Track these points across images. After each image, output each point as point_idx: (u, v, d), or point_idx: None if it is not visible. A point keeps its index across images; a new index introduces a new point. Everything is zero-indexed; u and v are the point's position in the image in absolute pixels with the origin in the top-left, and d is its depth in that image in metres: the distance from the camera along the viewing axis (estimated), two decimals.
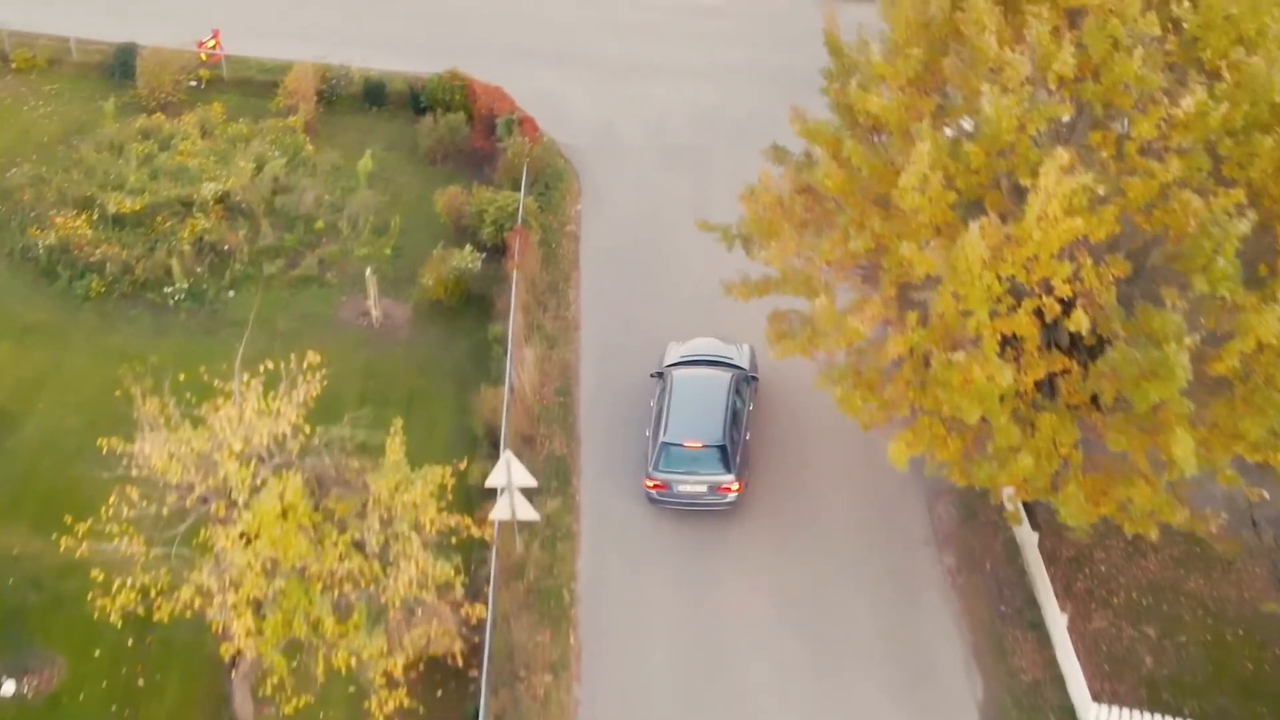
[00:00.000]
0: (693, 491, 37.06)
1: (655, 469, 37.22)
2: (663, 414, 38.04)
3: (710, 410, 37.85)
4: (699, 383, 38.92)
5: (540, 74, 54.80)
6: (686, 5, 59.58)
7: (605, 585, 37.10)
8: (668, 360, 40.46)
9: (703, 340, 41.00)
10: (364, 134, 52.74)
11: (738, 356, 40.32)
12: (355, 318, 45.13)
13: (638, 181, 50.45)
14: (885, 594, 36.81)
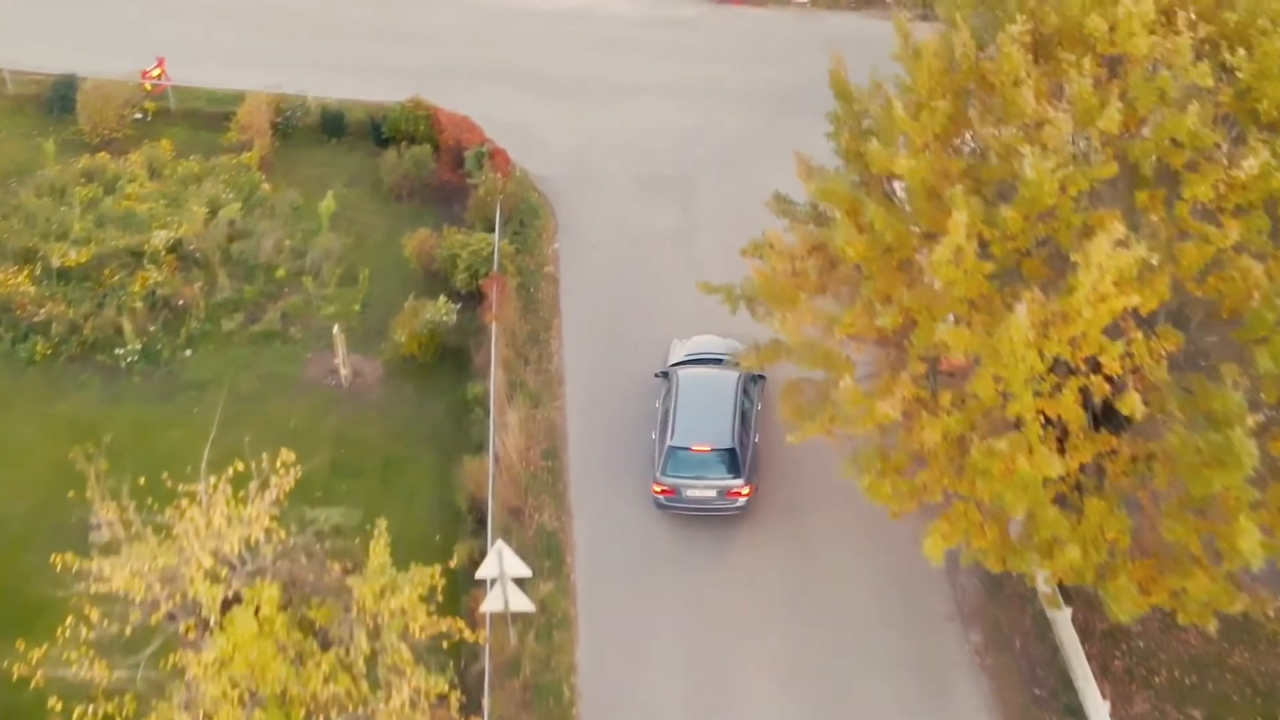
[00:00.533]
0: (702, 497, 36.06)
1: (663, 474, 36.08)
2: (669, 416, 36.79)
3: (718, 412, 36.70)
4: (706, 383, 37.63)
5: (507, 97, 51.76)
6: (656, 18, 56.60)
7: (606, 678, 34.28)
8: (672, 359, 39.22)
9: (707, 337, 39.64)
10: (323, 169, 49.47)
11: (739, 351, 36.75)
12: (323, 377, 42.05)
13: (617, 215, 47.48)
14: (908, 677, 34.24)
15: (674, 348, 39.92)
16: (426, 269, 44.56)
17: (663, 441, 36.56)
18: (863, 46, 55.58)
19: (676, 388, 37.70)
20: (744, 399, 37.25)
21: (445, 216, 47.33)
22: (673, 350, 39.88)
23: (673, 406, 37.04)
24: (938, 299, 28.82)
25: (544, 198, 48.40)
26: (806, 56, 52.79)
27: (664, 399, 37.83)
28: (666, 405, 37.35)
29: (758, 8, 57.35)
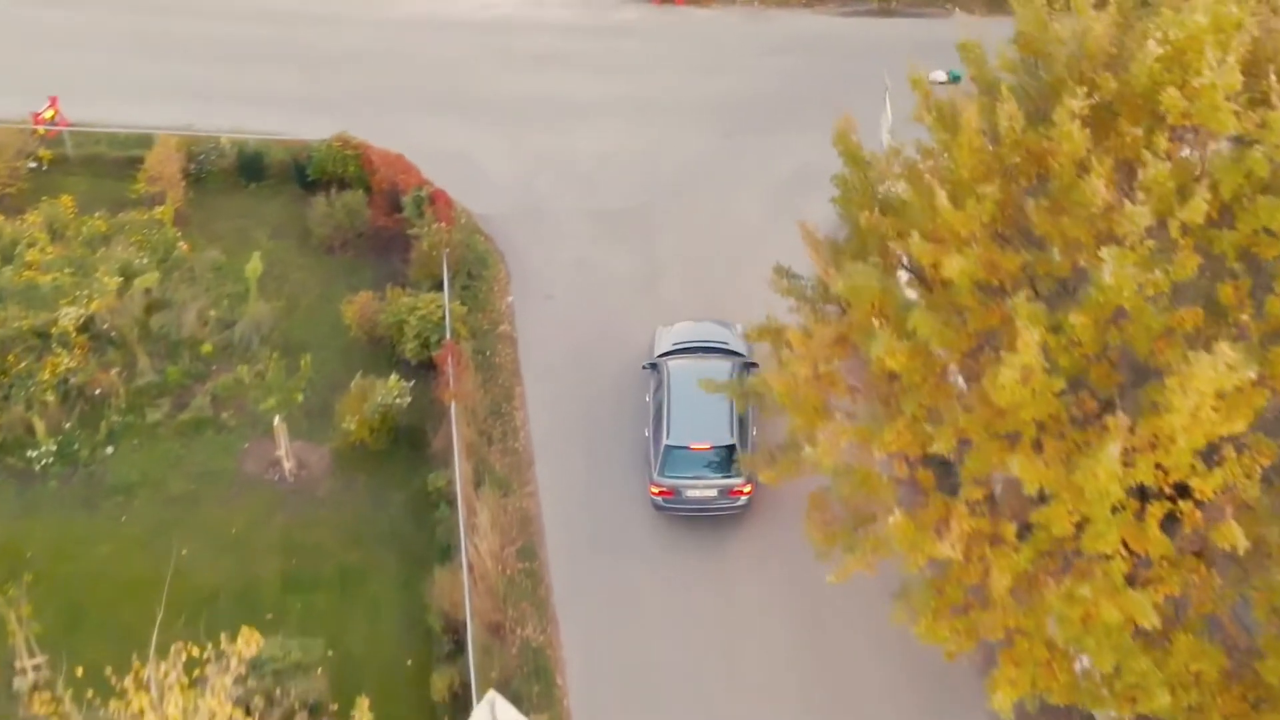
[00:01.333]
0: (702, 497, 34.75)
1: (660, 474, 34.57)
2: (663, 413, 35.13)
3: (714, 406, 34.62)
4: (697, 374, 34.63)
5: (440, 125, 47.37)
6: (593, 25, 52.14)
7: None
8: (659, 349, 37.39)
9: (693, 324, 38.30)
10: (244, 219, 44.77)
11: (733, 340, 37.39)
12: (264, 470, 37.57)
13: (572, 259, 43.23)
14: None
15: (660, 336, 37.91)
16: (370, 336, 40.15)
17: (658, 440, 34.81)
18: (818, 46, 51.71)
19: (668, 381, 35.79)
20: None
21: (385, 269, 42.84)
22: (658, 339, 37.84)
23: (665, 402, 35.23)
24: (998, 417, 24.80)
25: (492, 242, 44.03)
26: (761, 62, 48.81)
27: (654, 393, 36.11)
28: (658, 400, 35.63)
29: (702, 8, 52.92)
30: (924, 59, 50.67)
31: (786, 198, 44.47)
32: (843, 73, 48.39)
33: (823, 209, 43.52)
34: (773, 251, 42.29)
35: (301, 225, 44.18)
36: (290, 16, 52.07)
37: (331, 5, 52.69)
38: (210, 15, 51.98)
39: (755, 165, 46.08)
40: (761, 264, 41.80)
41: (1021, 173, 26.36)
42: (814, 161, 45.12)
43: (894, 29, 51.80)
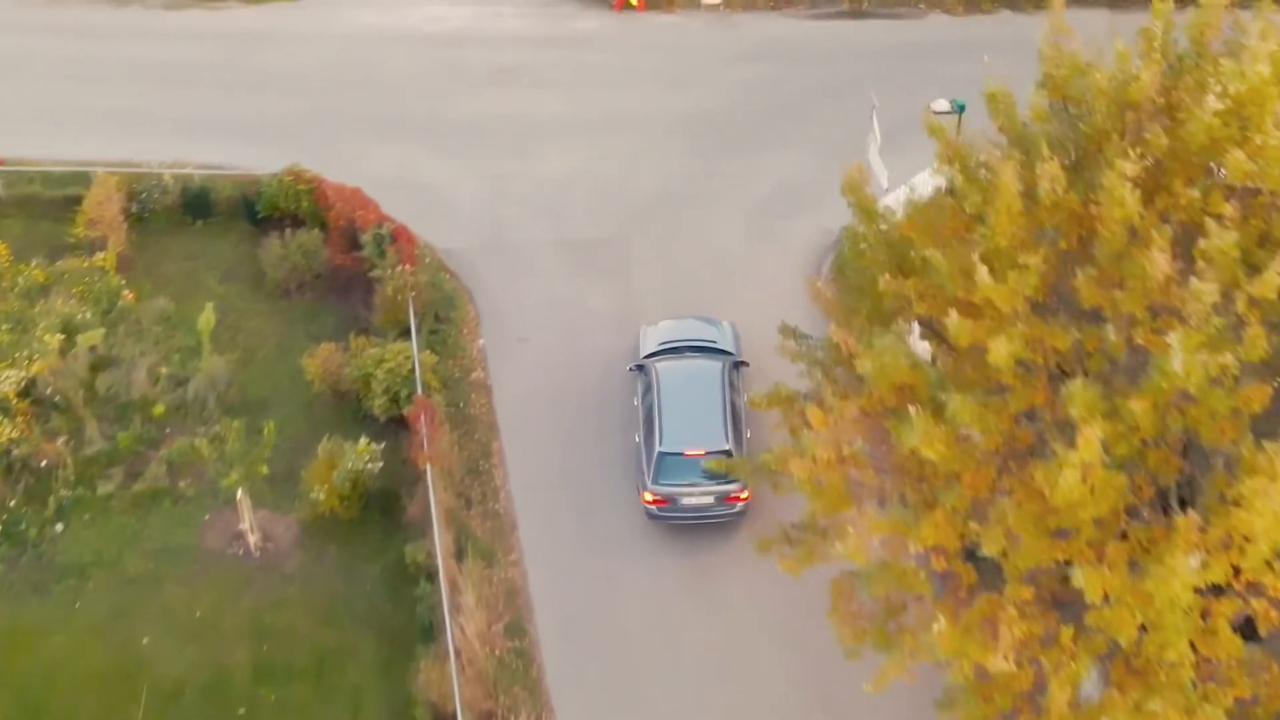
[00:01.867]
0: (698, 504, 33.57)
1: (654, 483, 33.41)
2: (653, 418, 34.06)
3: (707, 410, 34.16)
4: (688, 377, 34.98)
5: (396, 151, 44.77)
6: (553, 36, 49.44)
7: None
8: (645, 349, 36.28)
9: (678, 322, 37.29)
10: (192, 261, 41.94)
11: (721, 338, 36.59)
12: (227, 544, 34.98)
13: (546, 296, 40.65)
14: None
15: (645, 336, 36.82)
16: (335, 390, 37.49)
17: (650, 447, 33.61)
18: (789, 53, 49.13)
19: (657, 384, 34.71)
20: (731, 391, 34.58)
21: (346, 313, 40.21)
22: (644, 339, 36.75)
23: (656, 406, 34.20)
24: (1050, 513, 22.48)
25: (458, 279, 41.39)
26: (730, 72, 46.38)
27: (643, 397, 35.00)
28: (648, 404, 34.51)
29: (665, 14, 50.21)
30: (900, 64, 48.63)
31: (766, 220, 42.22)
32: (816, 81, 46.09)
33: (804, 230, 41.59)
34: (756, 281, 40.24)
35: (254, 267, 41.33)
36: (230, 35, 49.20)
37: (274, 22, 49.83)
38: (144, 37, 49.12)
39: (731, 186, 43.65)
40: (745, 296, 39.70)
41: (1061, 235, 23.88)
42: (791, 179, 42.98)
43: (867, 32, 49.42)
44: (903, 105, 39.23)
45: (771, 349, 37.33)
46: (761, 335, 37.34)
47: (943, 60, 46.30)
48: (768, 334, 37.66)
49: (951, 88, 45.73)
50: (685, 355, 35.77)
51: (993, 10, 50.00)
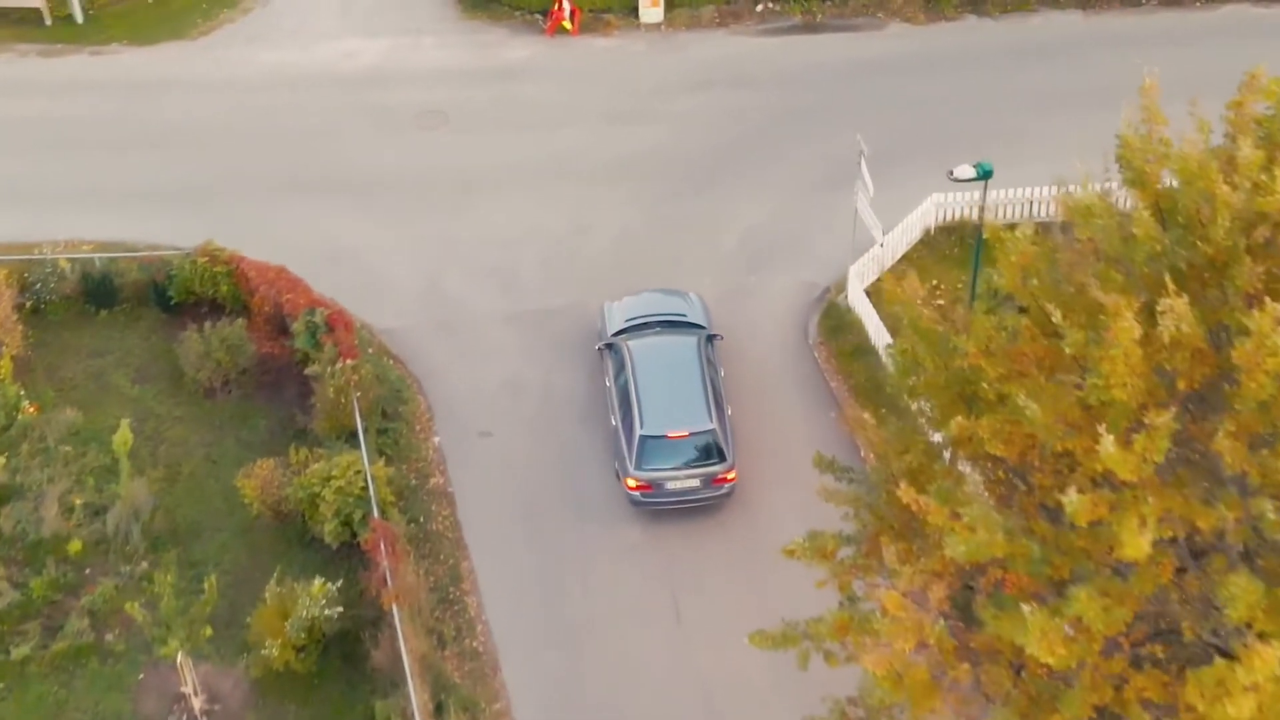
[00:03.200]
0: (684, 488, 32.17)
1: (637, 468, 31.81)
2: (630, 400, 32.52)
3: (687, 388, 32.82)
4: (663, 354, 33.60)
5: (316, 213, 40.38)
6: (482, 69, 44.93)
7: None
8: (613, 326, 34.67)
9: (644, 296, 35.70)
10: (99, 358, 37.11)
11: (691, 311, 35.20)
12: (168, 710, 30.52)
13: (504, 379, 36.27)
14: None
15: (610, 313, 35.21)
16: (277, 511, 32.69)
17: (629, 431, 32.02)
18: (743, 76, 44.56)
19: (631, 364, 33.20)
20: (709, 367, 33.27)
21: (280, 412, 35.71)
22: (610, 316, 35.13)
23: (632, 387, 32.64)
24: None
25: (404, 366, 36.80)
26: (681, 102, 42.05)
27: (615, 377, 33.40)
28: (622, 385, 32.97)
29: (602, 37, 45.60)
30: (864, 82, 44.42)
31: (739, 276, 38.18)
32: (775, 107, 41.98)
33: (783, 286, 37.58)
34: (735, 349, 35.98)
35: (171, 362, 36.57)
36: (119, 85, 44.15)
37: (168, 67, 44.90)
38: (20, 90, 44.20)
39: (695, 236, 39.38)
40: (725, 366, 35.43)
41: (1180, 375, 19.78)
42: (761, 225, 38.90)
43: (824, 47, 45.21)
44: (871, 130, 36.24)
45: (763, 435, 33.56)
46: (752, 415, 33.37)
47: (910, 75, 42.67)
48: (758, 415, 33.84)
49: (923, 107, 41.87)
50: (655, 331, 34.22)
51: (957, 16, 45.93)
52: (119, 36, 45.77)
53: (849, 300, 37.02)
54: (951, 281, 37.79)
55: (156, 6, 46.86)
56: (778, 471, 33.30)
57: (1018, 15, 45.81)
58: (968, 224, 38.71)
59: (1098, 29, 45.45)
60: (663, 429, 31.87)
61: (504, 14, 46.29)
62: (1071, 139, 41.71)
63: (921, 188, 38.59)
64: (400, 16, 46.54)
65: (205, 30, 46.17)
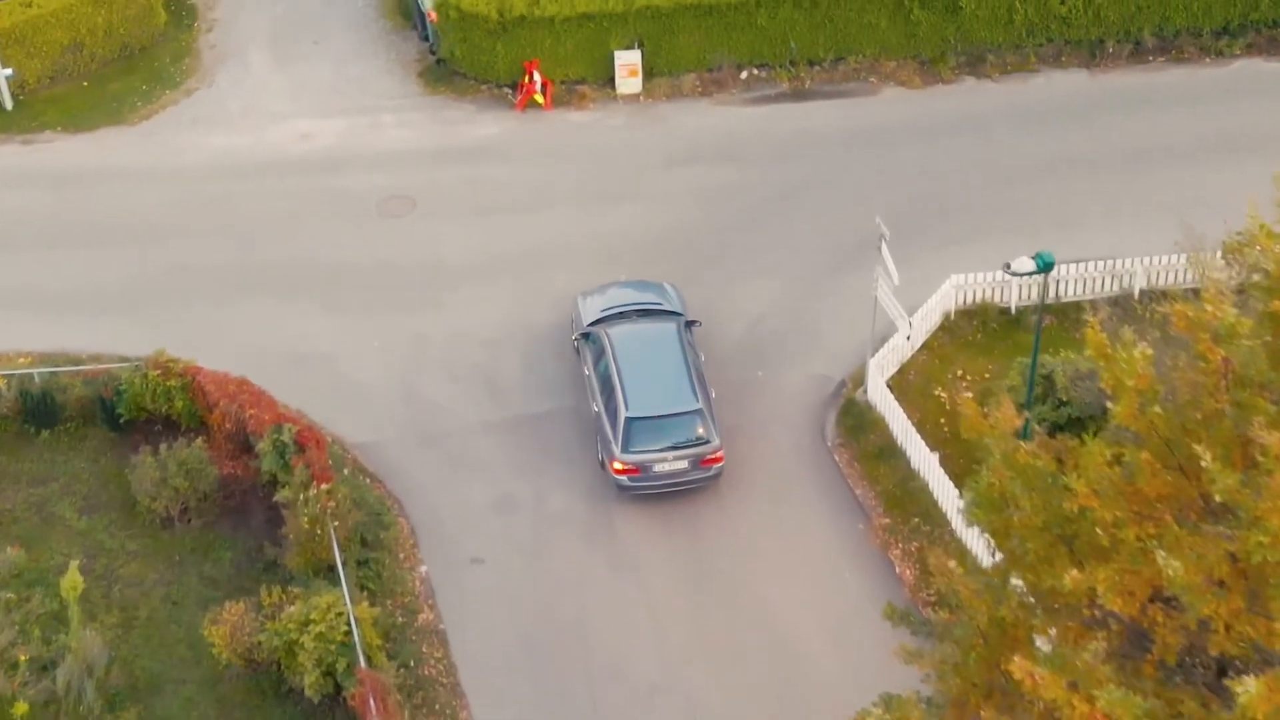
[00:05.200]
0: (672, 470, 31.66)
1: (624, 450, 31.24)
2: (614, 384, 32.16)
3: (671, 370, 32.56)
4: (644, 339, 33.34)
5: (276, 314, 37.06)
6: (449, 148, 41.73)
7: None
8: (588, 317, 34.17)
9: (619, 287, 35.45)
10: (42, 485, 33.41)
11: (666, 300, 34.88)
12: None
13: (493, 497, 33.00)
14: None
15: (584, 304, 34.69)
16: (249, 660, 28.97)
17: (614, 414, 31.62)
18: (732, 149, 41.13)
19: (612, 350, 32.82)
20: (690, 350, 33.05)
21: (248, 542, 32.30)
22: (584, 308, 34.58)
23: (614, 372, 32.33)
24: None
25: (382, 485, 33.39)
26: (667, 179, 39.05)
27: (595, 364, 33.04)
28: (603, 371, 32.64)
29: (577, 110, 42.23)
30: (861, 153, 41.27)
31: (746, 371, 35.03)
32: (769, 183, 39.00)
33: (794, 382, 34.59)
34: (747, 455, 32.79)
35: (122, 489, 33.02)
36: (55, 176, 40.61)
37: (107, 155, 41.36)
38: None
39: (695, 331, 35.82)
40: (738, 475, 32.22)
41: None
42: (764, 314, 35.78)
43: (816, 116, 42.03)
44: (873, 205, 34.80)
45: (784, 552, 30.33)
46: (770, 527, 30.03)
47: (910, 143, 39.87)
48: (777, 527, 30.62)
49: (928, 178, 38.97)
50: (633, 319, 33.86)
51: (955, 79, 42.90)
52: (52, 123, 41.99)
53: (869, 396, 33.74)
54: (978, 371, 34.63)
55: (92, 89, 43.08)
56: (807, 597, 30.01)
57: (1019, 76, 42.79)
58: (990, 307, 35.52)
59: (1104, 88, 42.55)
60: (648, 410, 31.49)
61: (469, 88, 42.82)
62: (1088, 208, 39.18)
63: (935, 266, 35.61)
64: (357, 93, 43.05)
65: (146, 114, 42.46)
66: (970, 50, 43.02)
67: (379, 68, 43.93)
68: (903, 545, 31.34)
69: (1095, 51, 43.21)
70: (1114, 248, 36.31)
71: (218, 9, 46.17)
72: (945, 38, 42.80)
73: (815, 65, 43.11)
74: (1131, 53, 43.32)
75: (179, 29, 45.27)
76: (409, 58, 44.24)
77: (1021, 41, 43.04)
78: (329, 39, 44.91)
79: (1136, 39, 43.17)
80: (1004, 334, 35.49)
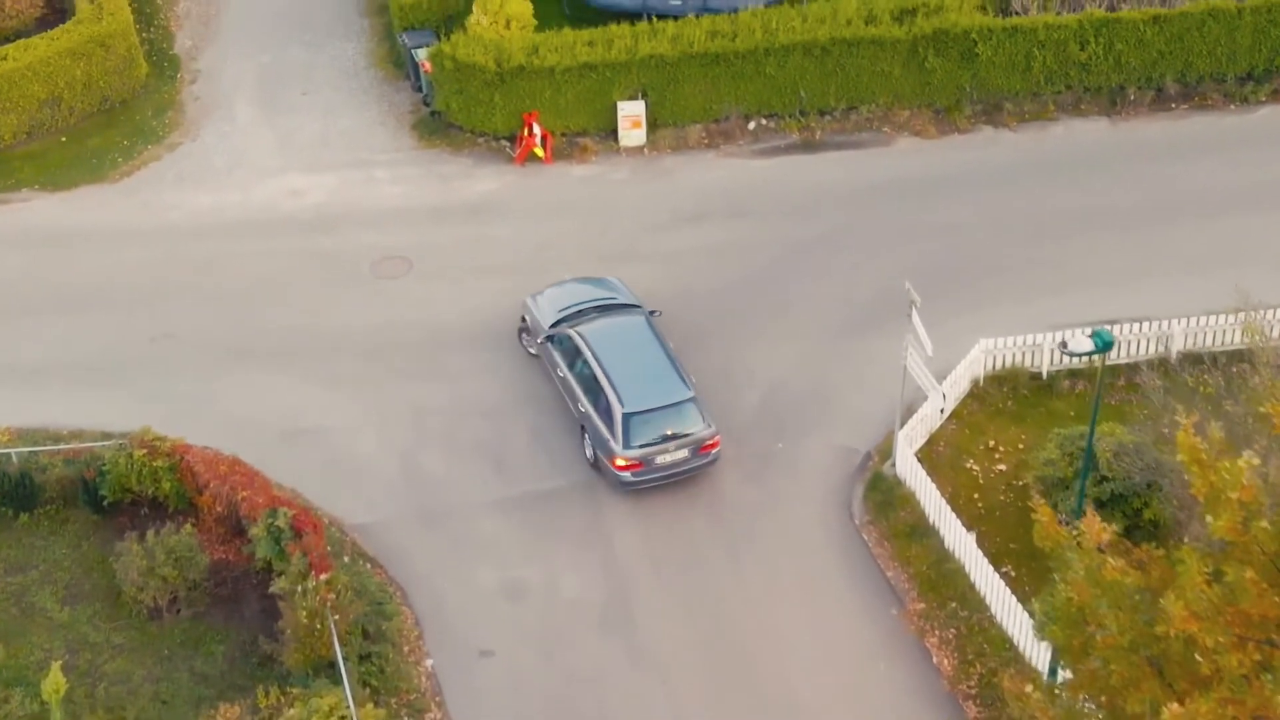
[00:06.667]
0: (674, 460, 31.82)
1: (626, 447, 31.25)
2: (599, 383, 32.05)
3: (654, 362, 32.67)
4: (618, 334, 33.16)
5: (266, 385, 35.15)
6: (446, 205, 40.06)
7: None
8: (547, 320, 33.91)
9: (567, 286, 35.11)
10: (20, 575, 31.74)
11: (619, 294, 34.77)
12: None
13: (502, 583, 31.30)
14: None
15: (536, 308, 34.46)
16: None
17: (607, 413, 31.59)
18: (744, 204, 39.28)
19: (590, 350, 32.53)
20: (663, 339, 33.11)
21: (240, 635, 30.55)
22: (538, 311, 34.33)
23: (598, 370, 32.16)
24: None
25: (383, 570, 31.48)
26: (672, 239, 37.62)
27: (570, 366, 32.89)
28: (581, 372, 32.52)
29: (578, 164, 40.40)
30: (877, 207, 39.51)
31: (764, 442, 33.11)
32: (781, 241, 37.42)
33: (817, 454, 32.98)
34: (770, 536, 31.03)
35: (107, 576, 31.14)
36: (31, 237, 38.77)
37: (87, 215, 39.52)
38: None
39: (708, 395, 34.24)
40: (761, 556, 30.49)
41: None
42: (782, 381, 33.94)
43: (827, 168, 40.32)
44: (891, 263, 34.55)
45: (812, 641, 28.48)
46: (796, 614, 28.22)
47: (927, 197, 38.45)
48: (803, 614, 28.77)
49: (946, 234, 37.37)
50: (593, 316, 33.64)
51: (971, 128, 41.19)
52: (29, 181, 40.03)
53: (898, 470, 31.89)
54: (1010, 441, 32.91)
55: (71, 145, 41.13)
56: (840, 689, 28.20)
57: (1037, 125, 41.13)
58: (1021, 373, 33.75)
59: (1125, 137, 40.91)
60: (644, 404, 31.58)
61: (466, 141, 40.98)
62: (1117, 264, 37.45)
63: (960, 328, 34.01)
64: (348, 147, 41.16)
65: (127, 171, 40.52)
66: (987, 98, 41.30)
67: (371, 120, 42.00)
68: (939, 632, 29.49)
69: (1116, 99, 41.51)
70: (1146, 306, 34.66)
71: (202, 59, 44.19)
72: (961, 85, 41.01)
73: (826, 115, 41.38)
74: (1153, 99, 41.64)
75: (161, 80, 43.22)
76: (402, 109, 42.28)
77: (1040, 89, 41.24)
78: (318, 89, 42.93)
79: (1158, 85, 41.46)
80: (1036, 401, 33.77)
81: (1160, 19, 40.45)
